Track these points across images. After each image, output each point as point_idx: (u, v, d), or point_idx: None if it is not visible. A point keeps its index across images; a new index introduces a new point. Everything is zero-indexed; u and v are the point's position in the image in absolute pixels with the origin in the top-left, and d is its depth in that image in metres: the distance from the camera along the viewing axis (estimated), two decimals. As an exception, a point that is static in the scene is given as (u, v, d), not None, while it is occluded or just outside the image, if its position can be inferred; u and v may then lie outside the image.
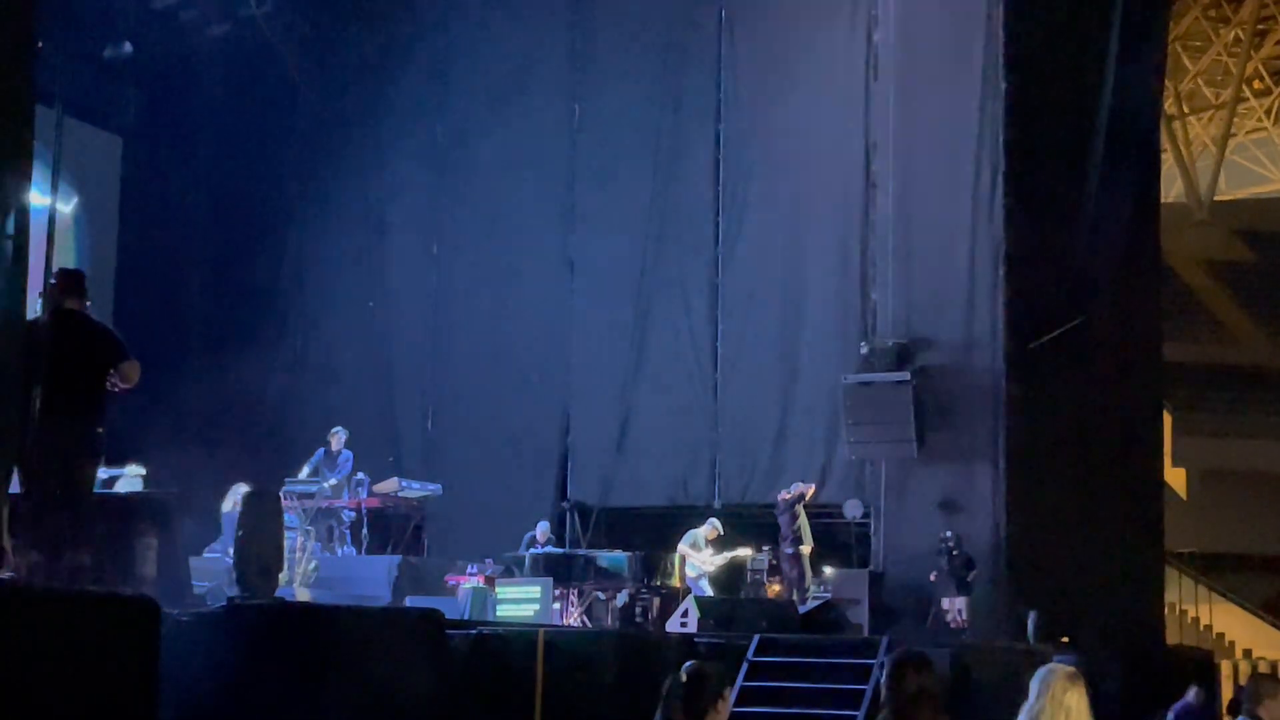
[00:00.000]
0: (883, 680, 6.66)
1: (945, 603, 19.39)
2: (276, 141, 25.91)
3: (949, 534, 19.65)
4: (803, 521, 20.22)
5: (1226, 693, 23.28)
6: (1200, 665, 24.10)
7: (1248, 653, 32.64)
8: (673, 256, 23.85)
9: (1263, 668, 28.55)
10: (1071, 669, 6.79)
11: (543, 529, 21.40)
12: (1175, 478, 34.47)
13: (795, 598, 19.70)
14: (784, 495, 20.76)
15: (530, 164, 24.92)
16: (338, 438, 21.10)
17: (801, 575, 20.01)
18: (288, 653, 10.18)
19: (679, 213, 23.88)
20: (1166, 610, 27.00)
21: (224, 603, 11.42)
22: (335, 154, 25.97)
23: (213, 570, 16.57)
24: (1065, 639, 18.81)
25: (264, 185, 25.91)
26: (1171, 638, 26.87)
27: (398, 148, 25.89)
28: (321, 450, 21.08)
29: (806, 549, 20.18)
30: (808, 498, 20.55)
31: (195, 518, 16.37)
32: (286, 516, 18.33)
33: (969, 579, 19.46)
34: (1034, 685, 6.73)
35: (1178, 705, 16.15)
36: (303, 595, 17.51)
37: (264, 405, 24.52)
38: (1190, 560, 33.65)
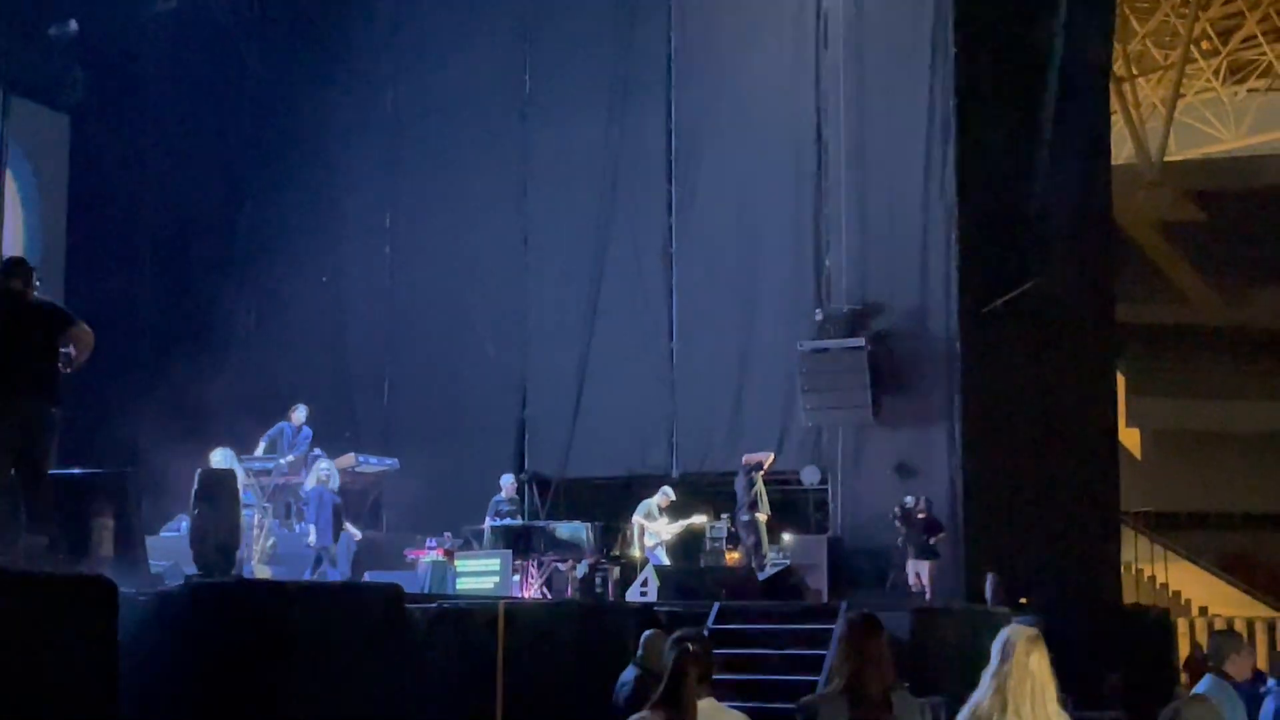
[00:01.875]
0: (834, 644, 6.65)
1: (909, 566, 19.49)
2: (226, 116, 25.75)
3: (911, 499, 19.71)
4: (760, 489, 20.25)
5: (1184, 650, 23.52)
6: (1157, 623, 24.34)
7: (1204, 610, 32.93)
8: (626, 227, 23.83)
9: (1219, 624, 28.81)
10: (1032, 631, 6.79)
11: (507, 482, 21.30)
12: (1130, 438, 34.71)
13: (754, 565, 19.75)
14: (745, 459, 20.76)
15: (483, 136, 24.86)
16: (298, 414, 20.97)
17: (759, 542, 20.05)
18: (246, 631, 10.13)
19: (632, 183, 23.87)
20: (1123, 569, 27.23)
21: (182, 581, 11.38)
22: (285, 127, 25.83)
23: (170, 549, 16.49)
24: (1023, 600, 18.93)
25: (215, 160, 25.74)
26: (1128, 597, 27.06)
27: (348, 120, 25.77)
28: (279, 426, 20.93)
29: (763, 516, 20.22)
30: (765, 466, 20.59)
31: (151, 496, 16.29)
32: (244, 494, 18.32)
33: (932, 543, 19.54)
34: (995, 648, 6.72)
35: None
36: (261, 572, 17.44)
37: (218, 382, 24.36)
38: (1146, 519, 33.91)
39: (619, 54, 24.11)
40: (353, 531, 19.15)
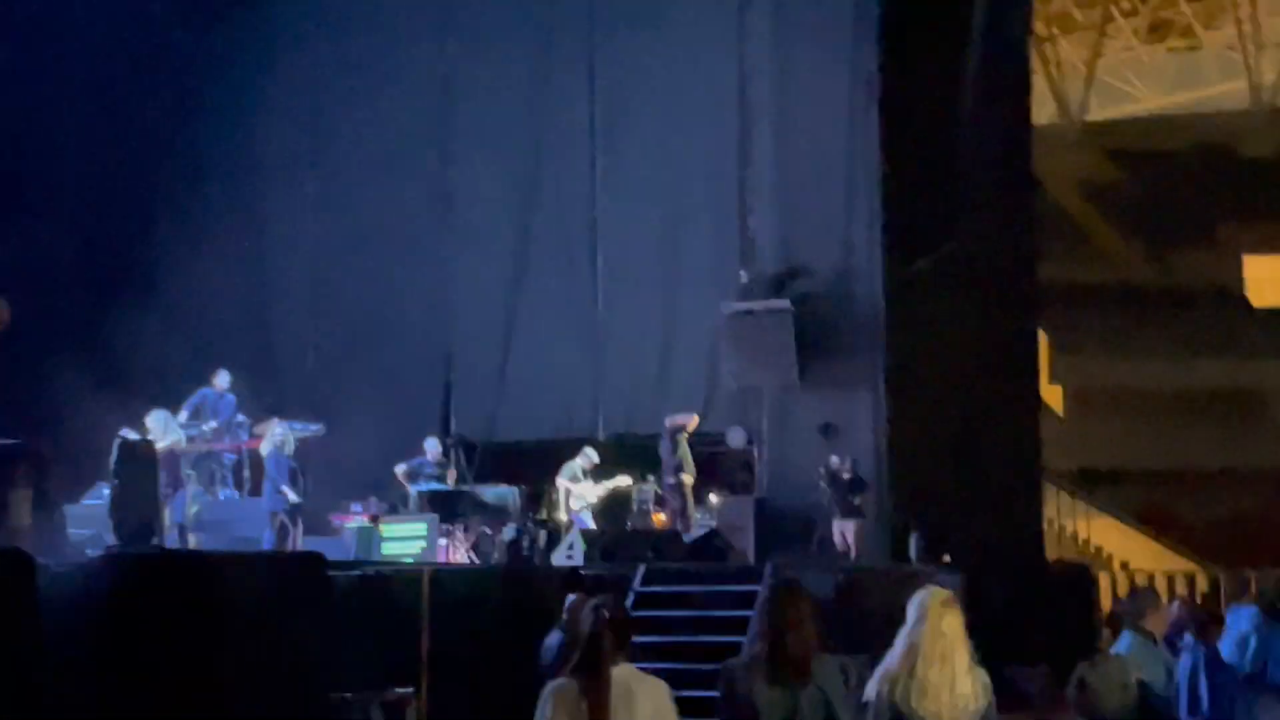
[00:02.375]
0: (756, 609, 6.71)
1: (834, 526, 19.59)
2: (145, 79, 25.37)
3: (836, 459, 19.79)
4: (684, 451, 20.29)
5: (1106, 604, 23.81)
6: (1080, 578, 24.61)
7: (1125, 565, 33.33)
8: (551, 191, 23.76)
9: (1140, 579, 29.21)
10: (947, 593, 6.87)
11: (431, 445, 21.23)
12: (1052, 395, 35.01)
13: (680, 527, 19.80)
14: (668, 422, 20.79)
15: (405, 100, 24.64)
16: (220, 379, 20.80)
17: (685, 505, 20.10)
18: (167, 600, 10.07)
19: (556, 147, 23.78)
20: (1045, 526, 27.46)
21: (103, 551, 11.30)
22: (206, 94, 25.48)
23: (92, 517, 16.36)
24: (947, 558, 19.08)
25: (135, 129, 25.36)
26: (1051, 553, 27.33)
27: (269, 84, 25.46)
28: (201, 393, 20.76)
29: (689, 479, 20.26)
30: (689, 428, 20.61)
31: (73, 463, 16.16)
32: (184, 459, 18.29)
33: (857, 503, 19.64)
34: (910, 610, 6.80)
35: None
36: (186, 540, 17.32)
37: (140, 349, 24.11)
38: (1068, 476, 34.23)
39: (541, 17, 23.98)
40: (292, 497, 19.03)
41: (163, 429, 17.81)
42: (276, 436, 18.60)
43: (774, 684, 6.57)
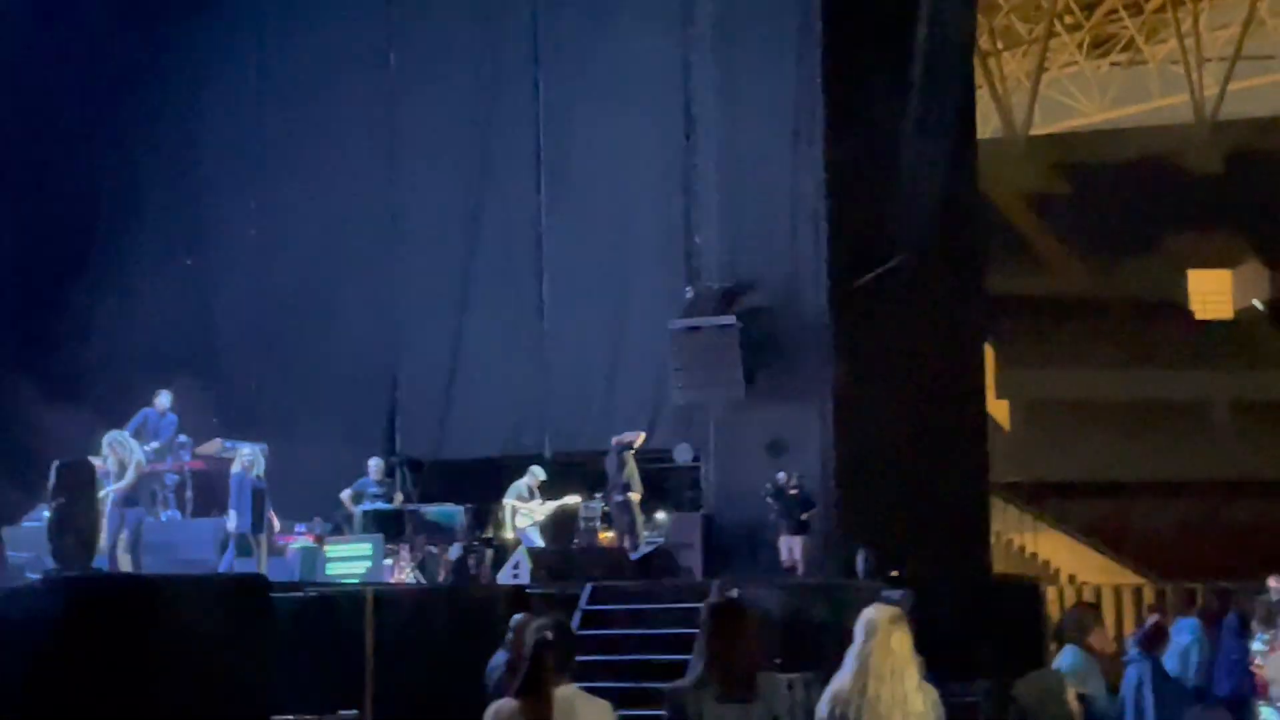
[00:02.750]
0: (700, 629, 6.68)
1: (781, 542, 19.55)
2: (86, 86, 25.09)
3: (783, 475, 19.76)
4: (631, 469, 20.23)
5: (1054, 618, 23.82)
6: (1027, 592, 24.65)
7: (1072, 578, 33.41)
8: (496, 207, 23.69)
9: (1087, 592, 29.24)
10: (895, 611, 6.84)
11: (374, 464, 21.06)
12: (999, 410, 35.13)
13: (628, 545, 19.72)
14: (615, 440, 20.71)
15: (349, 114, 24.55)
16: (161, 400, 20.61)
17: (633, 522, 20.03)
18: (106, 624, 9.94)
19: (501, 162, 23.72)
20: (993, 540, 27.52)
21: (41, 575, 11.15)
22: (148, 103, 25.27)
23: (31, 540, 16.16)
24: (894, 573, 19.06)
25: (74, 135, 25.12)
26: (998, 567, 27.38)
27: (211, 96, 25.28)
28: (143, 413, 20.55)
29: (636, 496, 20.20)
30: (636, 445, 20.55)
31: (13, 485, 15.99)
32: (106, 483, 17.97)
33: (804, 519, 19.61)
34: (858, 629, 6.76)
35: None
36: (125, 562, 17.10)
37: (81, 368, 23.88)
38: (1015, 490, 34.32)
39: (486, 31, 23.93)
40: (274, 520, 18.72)
41: (129, 450, 17.44)
42: (246, 458, 18.23)
43: (722, 702, 6.54)
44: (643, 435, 20.93)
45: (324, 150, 24.54)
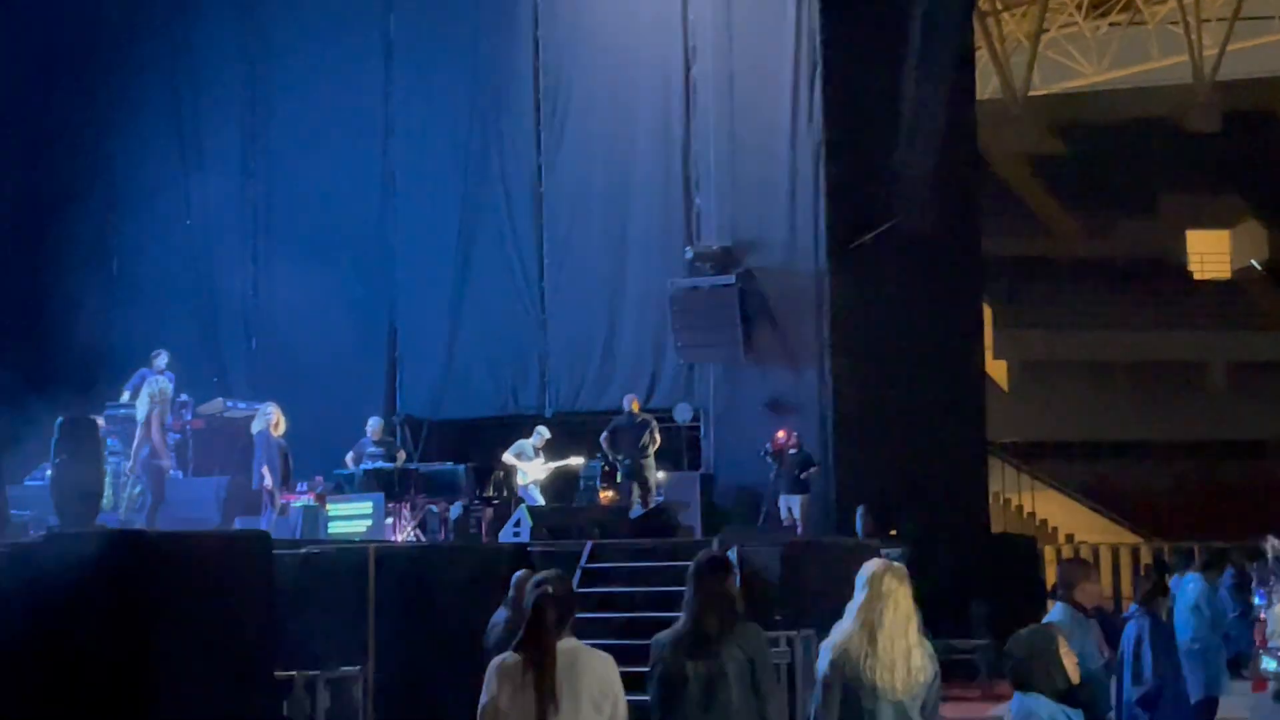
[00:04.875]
0: (686, 583, 6.83)
1: (781, 501, 19.60)
2: (81, 50, 25.10)
3: (782, 434, 19.79)
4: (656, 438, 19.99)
5: (1050, 576, 23.95)
6: (1025, 551, 24.78)
7: (1070, 537, 33.57)
8: (495, 166, 23.66)
9: (1084, 551, 29.40)
10: (896, 564, 6.92)
11: (373, 424, 21.06)
12: (996, 370, 35.21)
13: (644, 506, 19.51)
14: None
15: (346, 75, 24.46)
16: (159, 360, 20.61)
17: (649, 483, 19.79)
18: (110, 581, 9.97)
19: (499, 122, 23.69)
20: (991, 499, 27.65)
21: (44, 532, 11.18)
22: (144, 65, 25.28)
23: (34, 498, 16.22)
24: (893, 532, 19.16)
25: (72, 100, 25.13)
26: (996, 526, 27.50)
27: (208, 59, 25.27)
28: (140, 373, 20.54)
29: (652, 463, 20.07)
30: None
31: (17, 443, 16.00)
32: (109, 441, 18.01)
33: (803, 477, 19.66)
34: (859, 581, 6.83)
35: None
36: (128, 521, 17.19)
37: (81, 329, 23.89)
38: (1013, 449, 34.43)
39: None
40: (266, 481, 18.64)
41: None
42: (269, 416, 18.07)
43: (695, 658, 6.71)
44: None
45: (321, 111, 24.47)
